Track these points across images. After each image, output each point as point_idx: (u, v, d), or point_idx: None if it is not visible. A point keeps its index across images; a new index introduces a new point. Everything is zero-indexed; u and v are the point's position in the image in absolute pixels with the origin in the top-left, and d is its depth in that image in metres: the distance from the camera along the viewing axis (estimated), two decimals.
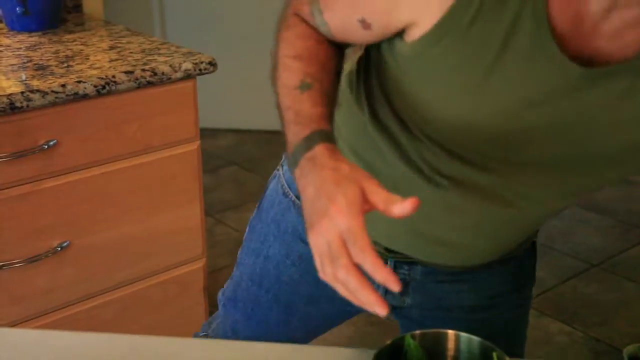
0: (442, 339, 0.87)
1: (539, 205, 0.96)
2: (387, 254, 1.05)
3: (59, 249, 1.66)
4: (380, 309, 0.69)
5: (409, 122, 0.91)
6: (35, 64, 1.68)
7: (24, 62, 1.70)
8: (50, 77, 1.59)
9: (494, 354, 0.83)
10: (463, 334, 0.86)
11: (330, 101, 0.86)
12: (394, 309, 1.11)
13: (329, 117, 0.83)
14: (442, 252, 1.03)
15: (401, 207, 0.70)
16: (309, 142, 0.79)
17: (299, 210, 1.09)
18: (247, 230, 1.25)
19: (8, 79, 1.60)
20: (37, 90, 1.52)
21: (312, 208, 0.74)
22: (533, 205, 0.96)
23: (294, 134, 0.82)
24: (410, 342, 0.85)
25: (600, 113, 0.82)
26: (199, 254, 1.91)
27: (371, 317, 2.50)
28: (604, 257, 2.90)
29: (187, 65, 1.71)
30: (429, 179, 0.94)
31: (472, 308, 1.10)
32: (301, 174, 0.78)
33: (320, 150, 0.77)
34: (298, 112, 0.83)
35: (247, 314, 1.24)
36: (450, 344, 0.86)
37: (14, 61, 1.70)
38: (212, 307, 2.18)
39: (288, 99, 0.86)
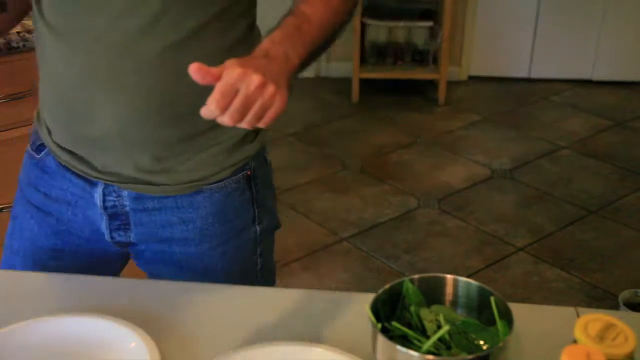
0: (440, 284, 0.87)
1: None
2: (100, 176, 1.07)
3: None
4: None
5: None
6: None
7: None
8: None
9: (492, 298, 0.83)
10: (461, 279, 0.87)
11: None
12: (128, 247, 1.14)
13: None
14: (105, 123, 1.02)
15: None
16: None
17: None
18: None
19: None
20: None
21: None
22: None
23: None
24: (409, 287, 0.86)
25: None
26: None
27: (368, 263, 2.52)
28: (602, 204, 2.91)
29: None
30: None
31: (184, 241, 1.10)
32: None
33: None
34: None
35: None
36: (449, 289, 0.87)
37: None
38: None
39: None
